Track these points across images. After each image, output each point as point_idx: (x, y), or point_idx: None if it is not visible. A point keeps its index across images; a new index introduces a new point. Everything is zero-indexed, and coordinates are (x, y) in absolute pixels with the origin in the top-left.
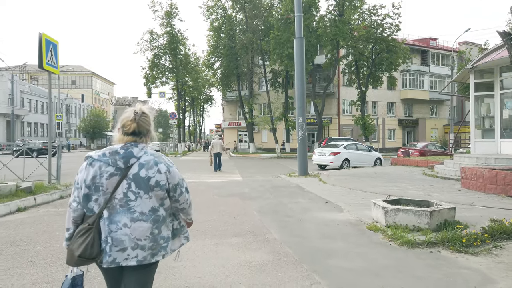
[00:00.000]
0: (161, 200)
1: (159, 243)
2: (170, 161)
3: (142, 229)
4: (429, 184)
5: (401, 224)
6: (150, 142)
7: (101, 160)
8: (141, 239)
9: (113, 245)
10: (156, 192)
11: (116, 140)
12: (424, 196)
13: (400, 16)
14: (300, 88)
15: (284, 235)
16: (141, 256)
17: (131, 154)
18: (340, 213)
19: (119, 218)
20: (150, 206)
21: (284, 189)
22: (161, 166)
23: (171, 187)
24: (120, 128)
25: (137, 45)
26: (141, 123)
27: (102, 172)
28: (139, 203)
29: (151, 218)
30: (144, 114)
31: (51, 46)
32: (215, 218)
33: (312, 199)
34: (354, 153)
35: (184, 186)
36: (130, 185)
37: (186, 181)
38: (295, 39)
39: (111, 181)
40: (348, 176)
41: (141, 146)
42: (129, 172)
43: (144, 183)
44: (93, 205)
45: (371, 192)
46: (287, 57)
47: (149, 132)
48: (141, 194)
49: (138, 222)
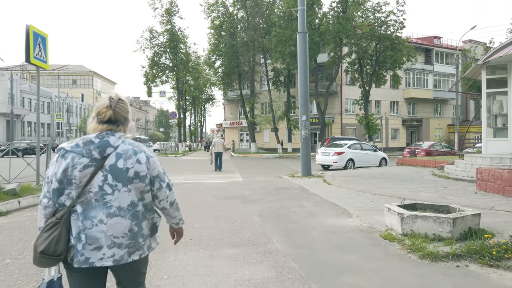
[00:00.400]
0: (141, 193)
1: (138, 241)
2: (151, 152)
3: (120, 225)
4: (441, 185)
5: (420, 232)
6: (129, 132)
7: (74, 151)
8: (118, 237)
9: (87, 243)
10: (136, 185)
11: (91, 129)
12: (439, 199)
13: (404, 13)
14: (303, 85)
15: (287, 245)
16: (118, 256)
17: (107, 143)
18: (349, 218)
19: (94, 214)
20: (129, 201)
21: (286, 191)
22: (141, 155)
23: (150, 179)
24: (95, 117)
25: (137, 43)
26: (118, 110)
27: (75, 164)
28: (116, 197)
29: (130, 213)
30: (121, 100)
31: (39, 39)
32: (212, 224)
33: (317, 202)
34: (359, 153)
35: (164, 181)
36: (106, 177)
37: (184, 182)
38: (298, 33)
39: (85, 173)
40: (354, 177)
41: (118, 135)
42: (105, 163)
43: (122, 174)
44: (65, 200)
45: (380, 195)
46: (289, 55)
47: (127, 120)
48: (118, 187)
49: (115, 218)
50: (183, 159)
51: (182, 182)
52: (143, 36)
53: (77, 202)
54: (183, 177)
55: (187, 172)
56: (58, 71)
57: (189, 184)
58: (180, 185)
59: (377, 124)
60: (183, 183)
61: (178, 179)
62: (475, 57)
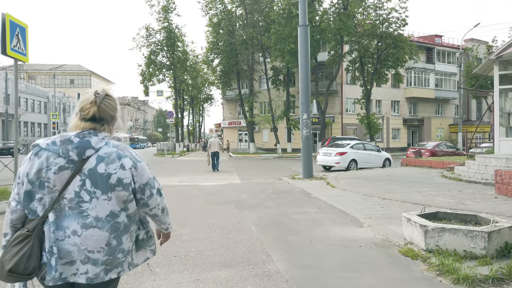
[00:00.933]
0: (124, 203)
1: (116, 257)
2: (138, 156)
3: (96, 238)
4: (455, 189)
5: (447, 248)
6: (116, 132)
7: (49, 150)
8: (93, 251)
9: (59, 257)
10: (118, 193)
11: (72, 126)
12: (457, 205)
13: (406, 10)
14: (304, 82)
15: (290, 264)
16: (92, 273)
17: (87, 144)
18: (360, 228)
19: (67, 224)
20: (108, 210)
21: (287, 194)
22: (126, 160)
23: (138, 188)
24: (78, 112)
25: (133, 41)
26: (104, 107)
27: (50, 165)
28: (94, 206)
29: (108, 225)
30: (108, 96)
31: (17, 29)
32: (202, 236)
33: (321, 208)
34: (362, 153)
35: (155, 187)
36: (84, 183)
37: (179, 184)
38: (299, 27)
39: (61, 177)
40: (358, 179)
41: (102, 136)
42: (84, 166)
43: (103, 180)
44: (37, 206)
45: (389, 199)
46: (288, 53)
47: (114, 119)
48: (97, 195)
49: (92, 229)
50: (180, 160)
51: (176, 184)
52: (139, 34)
53: (50, 210)
54: (178, 178)
55: (183, 173)
56: (54, 70)
57: (184, 186)
58: (174, 187)
59: (379, 124)
60: (178, 185)
61: (172, 181)
62: (478, 56)
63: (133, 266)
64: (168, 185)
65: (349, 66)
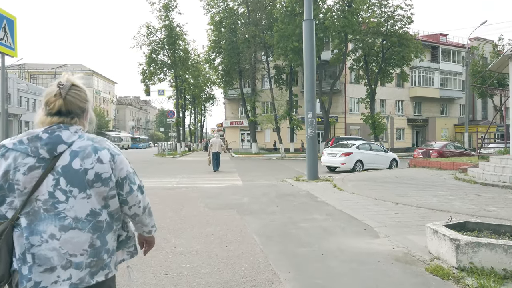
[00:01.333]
0: (105, 200)
1: (102, 258)
2: (117, 148)
3: (77, 240)
4: (472, 192)
5: (483, 266)
6: (89, 125)
7: (17, 150)
8: (76, 254)
9: (35, 264)
10: (98, 189)
11: (37, 122)
12: (479, 211)
13: (412, 8)
14: (309, 79)
15: (300, 285)
16: (76, 278)
17: (58, 139)
18: (376, 239)
19: (43, 228)
20: (88, 209)
21: (292, 198)
22: (103, 153)
23: (116, 182)
24: (44, 107)
25: (134, 39)
26: (71, 98)
27: (18, 165)
28: (72, 206)
29: (90, 225)
30: (75, 86)
31: (4, 21)
32: (199, 247)
33: (331, 214)
34: (368, 154)
35: (135, 183)
36: (58, 181)
37: (177, 186)
38: (304, 21)
39: (30, 177)
40: (366, 181)
41: (73, 129)
42: (56, 163)
43: (79, 177)
44: (6, 210)
45: (403, 204)
46: (292, 51)
47: (85, 111)
48: (74, 193)
49: (71, 231)
50: (181, 160)
51: (175, 186)
52: (140, 32)
53: (21, 214)
54: (177, 180)
55: (183, 174)
56: (56, 70)
57: (182, 188)
58: (173, 189)
59: (384, 124)
60: (176, 187)
61: (171, 183)
62: (483, 55)
63: (118, 263)
64: (166, 187)
65: (353, 65)
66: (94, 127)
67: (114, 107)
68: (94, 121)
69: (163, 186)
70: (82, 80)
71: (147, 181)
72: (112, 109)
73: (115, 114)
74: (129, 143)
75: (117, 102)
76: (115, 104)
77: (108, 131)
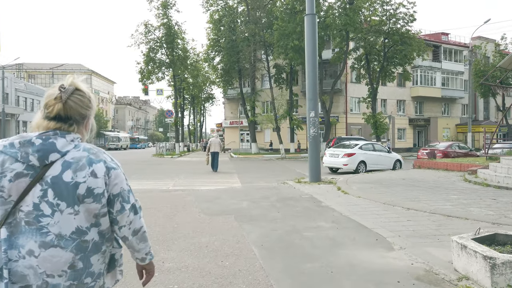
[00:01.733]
0: (95, 217)
1: (83, 281)
2: (114, 161)
3: (57, 260)
4: (487, 196)
5: None
6: (89, 133)
7: (6, 153)
8: (53, 275)
9: (10, 281)
10: (88, 206)
11: (33, 125)
12: (499, 218)
13: (415, 5)
14: (311, 76)
15: None
16: None
17: (52, 146)
18: (390, 251)
19: (22, 242)
20: (74, 226)
21: (294, 203)
22: (98, 166)
23: (108, 198)
24: (42, 109)
25: (131, 37)
26: (72, 103)
27: (5, 170)
28: (57, 221)
29: (73, 244)
30: (78, 91)
31: None
32: (190, 263)
33: (337, 221)
34: (371, 155)
35: (129, 201)
36: (45, 193)
37: (173, 189)
38: (306, 16)
39: (17, 185)
40: (372, 183)
41: (70, 137)
42: (46, 173)
43: (69, 191)
44: None
45: (415, 210)
46: (292, 50)
47: (86, 118)
48: (61, 208)
49: (52, 249)
50: (179, 160)
51: (171, 188)
52: (138, 31)
53: (3, 224)
54: (173, 182)
55: (180, 176)
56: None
57: (178, 191)
58: (168, 192)
59: (386, 124)
60: (172, 190)
61: (167, 185)
62: (486, 54)
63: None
64: (162, 189)
65: (355, 64)
66: (94, 136)
67: (113, 107)
68: (95, 129)
69: (158, 189)
70: (86, 84)
71: (143, 183)
72: (111, 109)
73: (114, 114)
74: (128, 143)
75: (116, 102)
76: (114, 104)
77: (107, 131)
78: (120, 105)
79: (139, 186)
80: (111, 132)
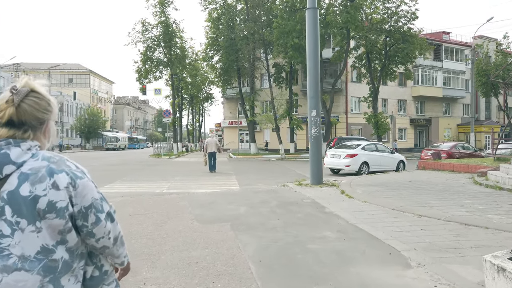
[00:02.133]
0: (60, 234)
1: None
2: (80, 170)
3: (23, 284)
4: (504, 201)
5: None
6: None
7: None
8: None
9: None
10: (51, 222)
11: None
12: None
13: (417, 3)
14: (313, 73)
15: None
16: None
17: (5, 158)
18: (408, 269)
19: None
20: (38, 245)
21: (296, 208)
22: (60, 177)
23: (79, 212)
24: None
25: (128, 36)
26: (26, 107)
27: None
28: (18, 241)
29: (40, 265)
30: (35, 93)
31: None
32: (176, 284)
33: (344, 231)
34: (374, 155)
35: (103, 211)
36: (3, 211)
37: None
38: (307, 9)
39: None
40: (377, 186)
41: (26, 146)
42: (2, 188)
43: (28, 206)
44: None
45: (428, 217)
46: (292, 48)
47: (44, 123)
48: (22, 226)
49: (16, 273)
50: (177, 161)
51: (165, 191)
52: (135, 29)
53: None
54: (168, 184)
55: (176, 177)
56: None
57: (173, 195)
58: (161, 196)
59: (387, 123)
60: (166, 193)
61: (161, 188)
62: (488, 53)
63: None
64: (155, 193)
65: (356, 63)
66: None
67: (112, 107)
68: (55, 136)
69: (151, 192)
70: (44, 86)
71: (137, 186)
72: (109, 109)
73: (113, 114)
74: (126, 143)
75: (115, 102)
76: (112, 104)
77: (105, 131)
78: (119, 105)
79: (130, 189)
80: (109, 132)
